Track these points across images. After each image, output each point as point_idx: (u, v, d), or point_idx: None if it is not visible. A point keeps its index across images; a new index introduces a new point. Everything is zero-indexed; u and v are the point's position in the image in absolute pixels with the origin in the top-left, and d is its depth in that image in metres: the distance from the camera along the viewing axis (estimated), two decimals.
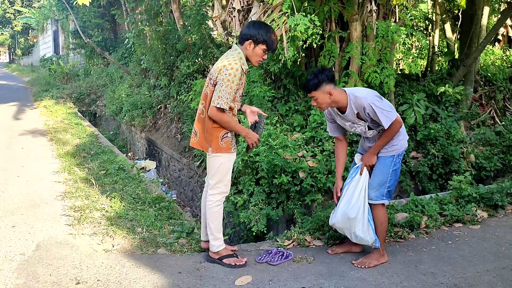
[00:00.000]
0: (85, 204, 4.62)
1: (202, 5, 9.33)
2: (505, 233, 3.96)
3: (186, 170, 7.82)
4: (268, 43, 3.21)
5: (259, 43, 3.20)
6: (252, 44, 3.21)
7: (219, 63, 3.20)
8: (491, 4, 7.83)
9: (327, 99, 3.25)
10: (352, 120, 3.33)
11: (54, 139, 7.94)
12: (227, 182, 3.35)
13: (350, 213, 3.34)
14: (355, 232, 3.35)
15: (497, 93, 7.33)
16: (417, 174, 5.79)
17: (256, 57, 3.26)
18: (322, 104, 3.29)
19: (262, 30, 3.20)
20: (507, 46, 9.31)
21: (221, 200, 3.37)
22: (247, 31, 3.22)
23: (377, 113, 3.15)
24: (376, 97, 3.23)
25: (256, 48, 3.21)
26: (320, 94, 3.24)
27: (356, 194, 3.37)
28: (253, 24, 3.28)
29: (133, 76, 12.52)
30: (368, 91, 3.31)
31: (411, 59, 9.33)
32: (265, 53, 3.25)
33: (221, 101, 3.09)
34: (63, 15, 19.72)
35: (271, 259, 3.45)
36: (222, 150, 3.25)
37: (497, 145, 6.28)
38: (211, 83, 3.22)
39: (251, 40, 3.20)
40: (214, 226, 3.37)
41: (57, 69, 18.53)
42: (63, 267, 3.24)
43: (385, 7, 5.81)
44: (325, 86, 3.23)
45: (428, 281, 3.12)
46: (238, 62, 3.16)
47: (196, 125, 3.37)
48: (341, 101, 3.27)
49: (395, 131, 3.25)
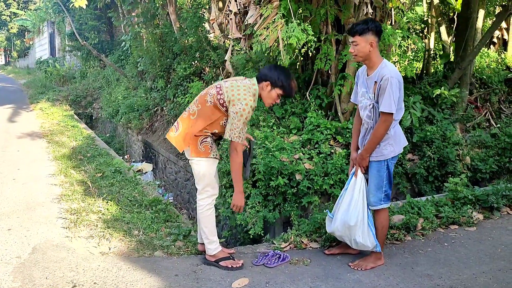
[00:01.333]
0: (81, 206, 4.61)
1: (198, 8, 9.35)
2: (501, 235, 3.98)
3: (183, 173, 7.82)
4: (285, 89, 3.23)
5: (277, 87, 3.22)
6: (269, 87, 3.22)
7: (235, 90, 3.16)
8: (486, 7, 7.88)
9: (366, 49, 3.18)
10: (367, 88, 3.28)
11: (50, 142, 7.93)
12: (214, 184, 3.34)
13: (350, 221, 3.33)
14: (355, 239, 3.34)
15: (492, 95, 7.36)
16: (414, 176, 5.81)
17: (270, 100, 3.28)
18: (360, 53, 3.21)
19: (282, 75, 3.22)
20: (502, 48, 9.35)
21: (212, 203, 3.37)
22: (268, 72, 3.24)
23: (386, 92, 3.09)
24: (398, 82, 3.14)
25: (272, 91, 3.24)
26: (362, 41, 3.17)
27: (354, 201, 3.36)
28: (275, 67, 3.30)
29: (129, 78, 12.51)
30: (398, 73, 3.20)
31: (407, 62, 9.37)
32: (279, 97, 3.27)
33: (233, 135, 3.13)
34: (59, 17, 19.69)
35: (268, 262, 3.45)
36: (201, 154, 3.25)
37: (493, 147, 6.31)
38: (218, 100, 3.18)
39: (270, 82, 3.22)
40: (208, 230, 3.38)
41: (53, 72, 18.48)
42: (59, 270, 3.23)
43: (381, 10, 5.83)
44: (370, 36, 3.16)
45: (424, 283, 3.13)
46: (252, 98, 3.18)
47: (181, 121, 3.31)
48: (375, 60, 3.22)
49: (384, 128, 3.18)
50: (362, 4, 5.45)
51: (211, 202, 3.36)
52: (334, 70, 5.83)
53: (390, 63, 3.27)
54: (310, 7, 5.52)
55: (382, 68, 3.19)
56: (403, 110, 3.34)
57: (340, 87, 5.59)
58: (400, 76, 3.20)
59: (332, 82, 5.85)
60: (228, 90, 3.18)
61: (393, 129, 3.28)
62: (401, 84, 3.20)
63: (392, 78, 3.10)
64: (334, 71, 5.83)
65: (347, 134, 5.44)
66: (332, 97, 5.88)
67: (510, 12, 7.48)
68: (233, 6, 6.21)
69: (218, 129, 3.28)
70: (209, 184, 3.32)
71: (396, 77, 3.13)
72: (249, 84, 3.24)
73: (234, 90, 3.17)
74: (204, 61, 8.80)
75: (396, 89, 3.13)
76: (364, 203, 3.36)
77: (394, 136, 3.28)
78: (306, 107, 5.97)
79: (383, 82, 3.12)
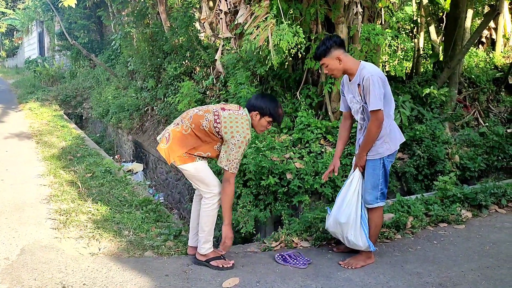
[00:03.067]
0: (71, 207, 4.57)
1: (189, 7, 9.33)
2: (489, 232, 4.03)
3: (174, 173, 7.79)
4: (274, 117, 3.33)
5: (265, 115, 3.31)
6: (258, 116, 3.32)
7: (233, 123, 3.20)
8: (474, 7, 7.96)
9: (337, 65, 3.24)
10: (353, 93, 3.32)
11: (39, 142, 7.85)
12: (215, 182, 3.35)
13: (341, 218, 3.36)
14: (347, 237, 3.37)
15: (481, 94, 7.43)
16: (403, 175, 5.84)
17: (261, 127, 3.39)
18: (334, 71, 3.28)
19: (270, 104, 3.31)
20: (491, 48, 9.44)
21: (218, 202, 3.37)
22: (256, 102, 3.32)
23: (370, 91, 3.12)
24: (379, 79, 3.17)
25: (262, 120, 3.33)
26: (330, 61, 3.25)
27: (347, 199, 3.38)
28: (261, 97, 3.38)
29: (120, 78, 12.44)
30: (378, 70, 3.25)
31: (397, 61, 9.43)
32: (270, 124, 3.37)
33: (229, 165, 3.19)
34: (48, 16, 19.49)
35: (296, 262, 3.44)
36: (187, 161, 3.26)
37: (481, 146, 6.37)
38: (214, 127, 3.21)
39: (258, 111, 3.30)
40: (208, 230, 3.38)
41: (43, 71, 18.30)
42: (48, 271, 3.20)
43: (370, 9, 5.86)
44: (334, 52, 3.23)
45: (414, 281, 3.15)
46: (249, 130, 3.27)
47: (173, 134, 3.28)
48: (351, 68, 3.26)
49: (377, 126, 3.20)
50: (351, 3, 5.48)
51: (218, 201, 3.36)
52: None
53: (368, 63, 3.32)
54: (300, 7, 5.54)
55: (361, 70, 3.23)
56: (393, 105, 3.37)
57: (331, 86, 5.61)
58: (380, 73, 3.23)
59: (322, 82, 5.87)
60: (226, 121, 3.22)
61: (389, 127, 3.30)
62: (384, 80, 3.23)
63: (372, 76, 3.14)
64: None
65: (337, 133, 5.45)
66: (322, 97, 5.90)
67: (498, 12, 7.58)
68: (224, 6, 6.21)
69: (212, 152, 3.31)
70: (211, 182, 3.32)
71: (376, 75, 3.17)
72: (244, 115, 3.31)
73: (233, 121, 3.23)
74: (195, 61, 8.78)
75: (379, 86, 3.16)
76: (358, 203, 3.37)
77: (389, 134, 3.30)
78: (297, 107, 5.99)
79: (364, 82, 3.16)
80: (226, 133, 3.19)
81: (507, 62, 8.63)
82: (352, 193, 3.38)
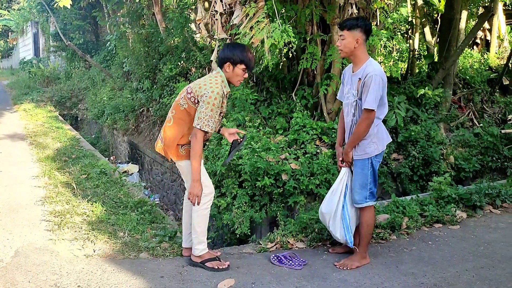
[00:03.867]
0: (65, 209, 4.55)
1: (184, 8, 9.32)
2: (484, 233, 4.04)
3: (169, 174, 7.78)
4: (245, 62, 3.26)
5: (237, 64, 3.25)
6: (230, 66, 3.26)
7: (201, 83, 3.23)
8: (469, 8, 8.00)
9: (352, 45, 3.24)
10: (351, 85, 3.34)
11: (34, 143, 7.82)
12: (207, 182, 3.35)
13: (322, 208, 3.51)
14: (329, 227, 3.47)
15: (475, 95, 7.46)
16: (399, 176, 5.86)
17: (237, 77, 3.31)
18: (345, 48, 3.27)
19: (237, 50, 3.26)
20: (485, 49, 9.49)
21: (209, 202, 3.36)
22: (223, 54, 3.28)
23: (369, 89, 3.14)
24: (382, 80, 3.20)
25: (235, 69, 3.27)
26: (349, 36, 3.24)
27: (332, 192, 3.49)
28: (227, 46, 3.34)
29: (115, 79, 12.41)
30: (382, 71, 3.27)
31: (392, 62, 9.46)
32: (245, 72, 3.30)
33: (201, 122, 3.13)
34: (43, 17, 19.42)
35: (292, 264, 3.44)
36: (183, 157, 3.29)
37: (476, 147, 6.40)
38: (189, 98, 3.24)
39: (229, 62, 3.25)
40: (201, 230, 3.37)
41: (38, 72, 18.21)
42: (42, 274, 3.19)
43: (365, 10, 5.87)
44: (358, 33, 3.23)
45: (409, 282, 3.16)
46: (220, 85, 3.21)
47: (163, 131, 3.39)
48: (360, 57, 3.28)
49: (366, 125, 3.23)
50: (346, 4, 5.48)
51: (208, 201, 3.35)
52: (320, 71, 5.86)
53: (376, 62, 3.33)
54: (295, 8, 5.54)
55: (367, 66, 3.25)
56: (387, 108, 3.39)
57: (326, 87, 5.62)
58: (384, 75, 3.25)
59: (317, 83, 5.88)
60: (195, 86, 3.24)
61: (376, 127, 3.32)
62: (385, 82, 3.26)
63: (375, 76, 3.15)
64: (320, 71, 5.86)
65: (332, 134, 5.47)
66: (317, 98, 5.91)
67: (492, 13, 7.62)
68: (219, 7, 6.19)
69: None
70: (203, 182, 3.31)
71: (379, 75, 3.19)
72: (214, 73, 3.31)
73: (201, 83, 3.24)
74: (190, 62, 8.77)
75: (379, 87, 3.18)
76: (341, 196, 3.43)
77: (377, 134, 3.32)
78: (292, 108, 5.99)
79: (367, 79, 3.17)
80: (198, 95, 3.18)
81: (501, 63, 8.68)
82: (338, 184, 3.46)
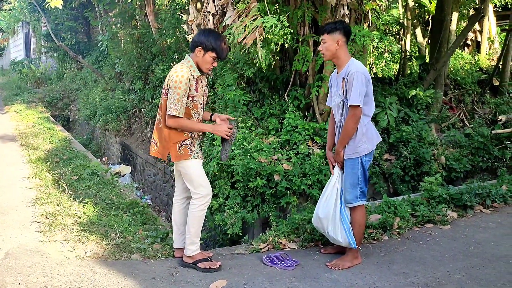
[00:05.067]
0: (56, 210, 4.52)
1: (177, 9, 9.30)
2: (474, 232, 4.08)
3: (161, 175, 7.76)
4: (217, 51, 3.25)
5: (208, 50, 3.24)
6: (202, 51, 3.25)
7: (169, 74, 3.24)
8: (459, 10, 8.06)
9: (333, 47, 3.34)
10: (337, 87, 3.40)
11: (25, 144, 7.76)
12: (206, 184, 3.35)
13: (320, 213, 3.47)
14: (328, 232, 3.44)
15: (466, 96, 7.53)
16: (390, 176, 5.89)
17: (206, 65, 3.29)
18: (328, 51, 3.37)
19: (211, 37, 3.24)
20: (476, 50, 9.58)
21: (206, 204, 3.35)
22: (197, 38, 3.27)
23: (353, 86, 3.21)
24: (364, 77, 3.26)
25: (205, 56, 3.25)
26: (330, 40, 3.35)
27: (326, 194, 3.48)
28: (203, 32, 3.32)
29: (107, 79, 12.35)
30: (364, 68, 3.34)
31: (384, 63, 9.51)
32: (214, 60, 3.29)
33: (170, 108, 3.15)
34: (34, 17, 19.25)
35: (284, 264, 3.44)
36: (182, 157, 3.28)
37: (466, 147, 6.45)
38: (163, 93, 3.28)
39: (201, 47, 3.24)
40: (195, 231, 3.36)
41: (29, 73, 18.07)
42: (33, 275, 3.16)
43: (357, 12, 5.90)
44: (337, 35, 3.32)
45: (400, 281, 3.17)
46: (186, 69, 3.20)
47: (155, 134, 3.41)
48: (342, 58, 3.37)
49: (353, 122, 3.27)
50: (338, 6, 5.51)
51: (205, 203, 3.34)
52: (312, 72, 5.87)
53: (357, 61, 3.41)
54: (287, 9, 5.55)
55: (349, 65, 3.33)
56: (374, 106, 3.44)
57: (318, 88, 5.64)
58: (366, 72, 3.32)
59: (310, 84, 5.89)
60: (166, 80, 3.25)
61: (365, 127, 3.36)
62: (368, 79, 3.31)
63: (357, 72, 3.23)
64: (312, 72, 5.88)
65: (324, 135, 5.48)
66: (310, 98, 5.92)
67: (482, 15, 7.69)
68: (211, 7, 6.19)
69: None
70: (200, 184, 3.31)
71: (361, 72, 3.26)
72: (182, 61, 3.32)
73: (169, 74, 3.23)
74: None
75: (362, 84, 3.24)
76: (337, 198, 3.44)
77: (366, 134, 3.37)
78: (285, 108, 6.00)
79: (349, 77, 3.25)
80: (169, 87, 3.18)
81: (491, 64, 8.76)
82: (332, 188, 3.47)
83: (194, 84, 3.23)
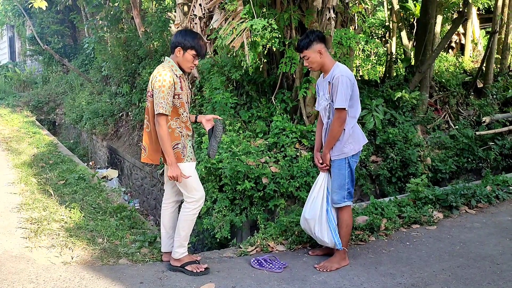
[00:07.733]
0: (42, 215, 4.47)
1: (163, 12, 9.27)
2: (460, 232, 4.13)
3: (149, 179, 7.72)
4: (196, 48, 3.28)
5: (188, 49, 3.27)
6: (181, 51, 3.28)
7: (152, 76, 3.26)
8: (443, 13, 8.18)
9: (318, 58, 3.38)
10: (324, 91, 3.44)
11: (10, 149, 7.66)
12: (199, 187, 3.36)
13: (306, 214, 3.51)
14: (315, 233, 3.48)
15: (451, 98, 7.64)
16: (377, 178, 5.94)
17: (187, 63, 3.32)
18: (314, 64, 3.41)
19: (188, 36, 3.28)
20: (460, 53, 9.72)
21: (198, 208, 3.36)
22: (175, 39, 3.31)
23: (338, 89, 3.26)
24: (349, 80, 3.30)
25: (186, 54, 3.28)
26: (311, 53, 3.37)
27: (313, 196, 3.52)
28: (180, 32, 3.35)
29: (93, 83, 12.26)
30: (349, 72, 3.39)
31: (370, 66, 9.59)
32: (195, 58, 3.32)
33: (157, 107, 3.16)
34: (19, 21, 19.03)
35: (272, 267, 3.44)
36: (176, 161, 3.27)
37: (452, 148, 6.54)
38: (149, 95, 3.29)
39: (180, 47, 3.27)
40: (185, 234, 3.37)
41: (13, 77, 17.84)
42: (18, 282, 3.12)
43: (343, 15, 5.95)
44: (316, 45, 3.36)
45: (388, 282, 3.20)
46: (168, 69, 3.22)
47: (144, 140, 3.40)
48: (328, 64, 3.41)
49: (339, 124, 3.32)
50: (324, 9, 5.55)
51: (198, 206, 3.35)
52: (299, 74, 5.90)
53: (342, 64, 3.46)
54: (274, 12, 5.58)
55: (334, 70, 3.38)
56: (360, 108, 3.49)
57: (305, 90, 5.66)
58: (351, 75, 3.38)
59: (297, 86, 5.92)
60: (150, 81, 3.27)
61: (352, 128, 3.41)
62: (353, 83, 3.36)
63: (342, 76, 3.29)
64: (299, 75, 5.91)
65: (312, 137, 5.51)
66: (297, 101, 5.95)
67: (466, 18, 7.81)
68: (198, 11, 6.19)
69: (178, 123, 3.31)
70: (194, 188, 3.31)
71: (346, 76, 3.31)
72: (162, 63, 3.35)
73: (152, 76, 3.26)
74: None
75: (347, 87, 3.29)
76: (324, 199, 3.47)
77: (353, 135, 3.42)
78: (272, 111, 6.01)
79: (334, 80, 3.31)
80: (153, 88, 3.20)
81: (475, 66, 8.89)
82: (318, 189, 3.51)
83: (179, 82, 3.25)
